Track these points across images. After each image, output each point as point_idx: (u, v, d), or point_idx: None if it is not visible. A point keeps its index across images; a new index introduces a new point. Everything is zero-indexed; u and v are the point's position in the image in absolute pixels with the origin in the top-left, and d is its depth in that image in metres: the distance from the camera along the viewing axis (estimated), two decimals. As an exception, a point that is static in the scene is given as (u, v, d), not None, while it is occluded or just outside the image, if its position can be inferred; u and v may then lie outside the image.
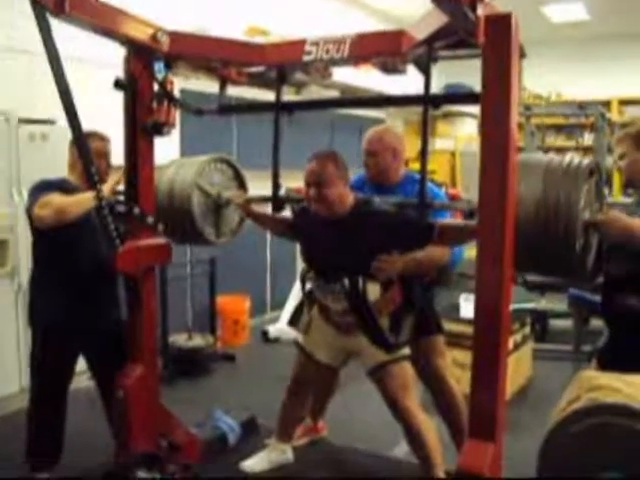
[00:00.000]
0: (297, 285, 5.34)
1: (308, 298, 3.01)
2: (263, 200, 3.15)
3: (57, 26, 2.40)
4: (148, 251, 2.96)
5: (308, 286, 2.96)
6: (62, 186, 2.91)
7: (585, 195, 2.22)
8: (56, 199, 2.78)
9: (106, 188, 2.78)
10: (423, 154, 2.60)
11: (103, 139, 3.05)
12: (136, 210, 2.85)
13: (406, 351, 2.84)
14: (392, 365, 2.80)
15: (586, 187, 2.23)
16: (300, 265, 3.19)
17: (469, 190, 8.88)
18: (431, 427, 2.85)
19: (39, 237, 3.00)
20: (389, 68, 2.73)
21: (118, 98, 2.87)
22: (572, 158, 2.28)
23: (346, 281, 2.72)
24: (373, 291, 2.74)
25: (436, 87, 4.90)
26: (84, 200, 2.76)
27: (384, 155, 3.10)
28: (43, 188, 2.86)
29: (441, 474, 2.80)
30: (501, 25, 2.00)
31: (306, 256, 3.00)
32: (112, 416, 3.11)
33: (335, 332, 2.91)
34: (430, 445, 2.78)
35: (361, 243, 2.70)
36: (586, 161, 2.28)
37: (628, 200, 3.02)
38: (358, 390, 3.86)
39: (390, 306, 2.78)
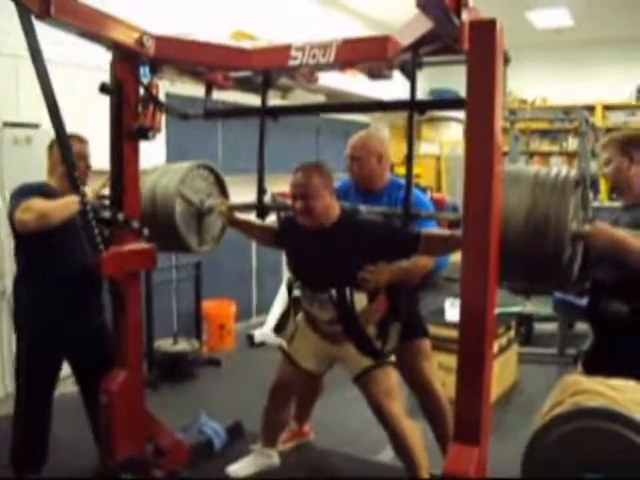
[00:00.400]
0: (283, 290, 5.34)
1: (294, 304, 3.01)
2: (247, 208, 3.11)
3: (43, 30, 2.39)
4: (132, 256, 2.94)
5: (295, 293, 2.96)
6: (43, 190, 2.89)
7: (573, 206, 2.24)
8: (38, 203, 2.76)
9: (90, 192, 2.77)
10: (409, 160, 2.60)
11: (82, 141, 3.04)
12: (120, 215, 2.83)
13: (391, 357, 2.85)
14: (377, 371, 2.80)
15: (573, 199, 2.24)
16: (286, 269, 3.17)
17: (454, 194, 8.92)
18: (416, 432, 2.85)
19: (21, 242, 2.98)
20: (375, 73, 2.74)
21: (102, 102, 2.86)
22: (559, 171, 2.29)
23: (333, 291, 2.73)
24: (360, 300, 2.74)
25: (421, 90, 4.90)
26: (68, 204, 2.74)
27: (368, 160, 3.08)
28: (25, 192, 2.84)
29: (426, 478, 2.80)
30: (486, 31, 2.00)
31: (292, 266, 2.99)
32: (95, 422, 3.09)
33: (321, 340, 2.91)
34: (415, 450, 2.78)
35: (347, 254, 2.70)
36: (572, 173, 2.28)
37: (616, 204, 3.04)
38: (344, 394, 3.86)
39: (376, 315, 2.79)
